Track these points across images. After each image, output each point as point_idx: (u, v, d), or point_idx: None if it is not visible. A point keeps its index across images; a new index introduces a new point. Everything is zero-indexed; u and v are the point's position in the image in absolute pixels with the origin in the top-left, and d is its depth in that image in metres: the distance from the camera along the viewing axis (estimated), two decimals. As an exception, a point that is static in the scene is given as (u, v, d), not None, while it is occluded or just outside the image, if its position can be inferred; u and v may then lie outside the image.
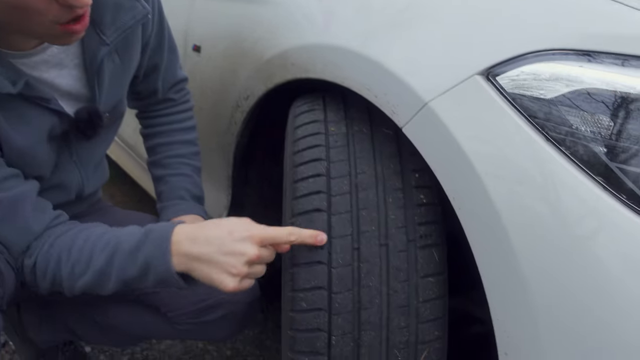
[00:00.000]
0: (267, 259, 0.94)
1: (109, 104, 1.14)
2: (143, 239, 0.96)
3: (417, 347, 0.91)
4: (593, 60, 0.80)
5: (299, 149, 0.99)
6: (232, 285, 0.92)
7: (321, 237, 0.91)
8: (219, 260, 0.92)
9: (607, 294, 0.70)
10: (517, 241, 0.77)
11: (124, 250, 0.96)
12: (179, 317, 1.22)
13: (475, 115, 0.83)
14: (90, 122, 1.09)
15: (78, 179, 1.18)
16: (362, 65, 0.97)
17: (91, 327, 1.31)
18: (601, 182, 0.74)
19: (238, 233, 0.92)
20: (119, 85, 1.16)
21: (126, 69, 1.16)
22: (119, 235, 0.98)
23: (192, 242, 0.94)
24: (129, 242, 0.96)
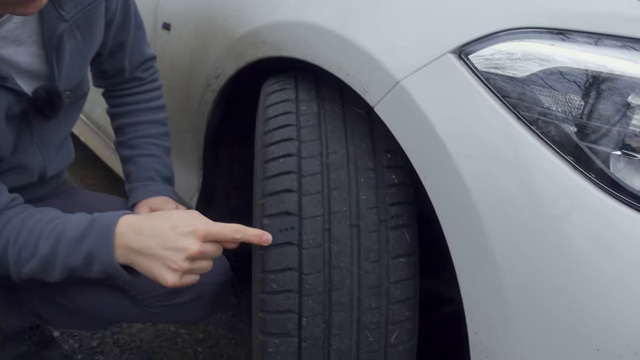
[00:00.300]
0: (211, 255, 0.92)
1: (69, 83, 1.10)
2: (88, 227, 0.93)
3: (388, 327, 0.91)
4: (567, 39, 0.80)
5: (269, 129, 0.97)
6: (171, 280, 0.90)
7: (266, 237, 0.89)
8: (160, 254, 0.89)
9: (579, 273, 0.70)
10: (489, 221, 0.77)
11: (69, 238, 0.93)
12: (148, 300, 1.20)
13: (448, 95, 0.82)
14: (49, 102, 1.05)
15: (40, 160, 1.14)
16: (333, 43, 0.95)
17: (57, 310, 1.28)
18: (571, 161, 0.74)
19: (181, 228, 0.90)
20: (80, 64, 1.12)
21: (88, 47, 1.12)
22: (66, 222, 0.95)
23: (136, 235, 0.91)
24: (74, 230, 0.93)
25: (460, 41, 0.82)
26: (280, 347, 0.90)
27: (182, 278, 0.90)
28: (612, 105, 0.74)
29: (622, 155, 0.73)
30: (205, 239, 0.90)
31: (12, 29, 0.98)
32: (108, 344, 1.66)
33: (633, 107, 0.73)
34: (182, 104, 1.46)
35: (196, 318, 1.28)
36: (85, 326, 1.38)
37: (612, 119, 0.74)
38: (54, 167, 1.19)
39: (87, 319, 1.30)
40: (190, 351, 1.67)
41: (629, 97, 0.74)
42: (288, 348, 0.90)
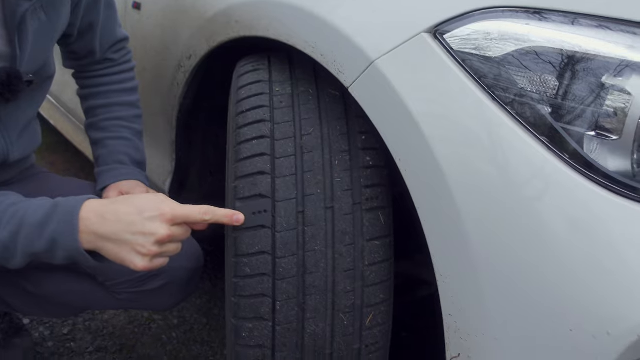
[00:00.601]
0: (180, 238, 0.90)
1: (32, 65, 1.06)
2: (50, 213, 0.90)
3: (363, 310, 0.90)
4: (543, 18, 0.79)
5: (242, 110, 0.95)
6: (141, 264, 0.87)
7: (237, 217, 0.88)
8: (127, 239, 0.87)
9: (552, 253, 0.70)
10: (463, 203, 0.76)
11: (31, 224, 0.89)
12: (117, 286, 1.18)
13: (423, 75, 0.81)
14: (9, 84, 1.01)
15: (2, 144, 1.10)
16: (307, 22, 0.93)
17: (25, 298, 1.25)
18: (546, 142, 0.73)
19: (149, 212, 0.87)
20: (44, 45, 1.08)
21: (53, 28, 1.08)
22: (27, 206, 0.91)
23: (100, 220, 0.88)
24: (36, 215, 0.90)
25: (435, 20, 0.81)
26: (254, 332, 0.89)
27: (152, 261, 0.88)
28: (587, 85, 0.74)
29: (596, 136, 0.73)
30: (173, 222, 0.88)
31: None
32: (80, 331, 1.63)
33: (607, 87, 0.73)
34: (154, 85, 1.43)
35: (168, 304, 1.26)
36: (54, 314, 1.35)
37: (587, 100, 0.74)
38: (17, 151, 1.14)
39: (56, 306, 1.27)
40: (165, 337, 1.65)
41: (603, 77, 0.73)
42: (262, 332, 0.89)
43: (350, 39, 0.86)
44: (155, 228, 0.86)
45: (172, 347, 1.62)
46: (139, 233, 0.86)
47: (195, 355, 1.60)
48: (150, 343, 1.62)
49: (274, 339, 0.89)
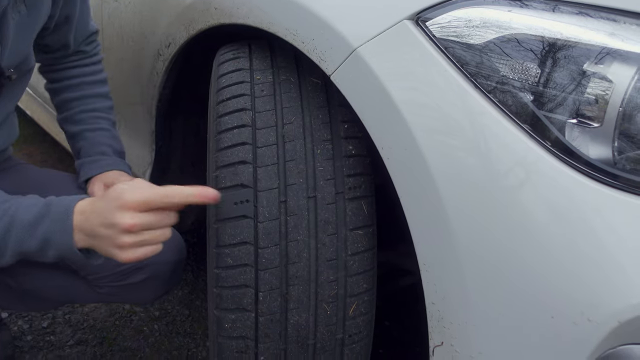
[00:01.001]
0: (156, 224, 0.86)
1: (14, 60, 1.04)
2: (43, 212, 0.88)
3: (346, 300, 0.90)
4: (524, 5, 0.79)
5: (223, 99, 0.94)
6: (123, 256, 0.85)
7: (206, 192, 0.84)
8: (102, 233, 0.85)
9: (534, 241, 0.70)
10: (446, 192, 0.76)
11: (22, 223, 0.88)
12: (99, 280, 1.16)
13: (405, 63, 0.80)
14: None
15: None
16: (288, 9, 0.92)
17: (5, 292, 1.23)
18: (528, 130, 0.73)
19: (113, 201, 0.85)
20: (25, 39, 1.05)
21: (34, 21, 1.06)
22: (17, 205, 0.90)
23: (83, 217, 0.87)
24: (28, 214, 0.88)
25: (417, 7, 0.80)
26: (236, 323, 0.89)
27: (134, 252, 0.86)
28: (568, 73, 0.74)
29: (578, 124, 0.73)
30: (138, 210, 0.84)
31: None
32: (59, 324, 1.61)
33: (588, 75, 0.73)
34: (133, 74, 1.41)
35: (150, 298, 1.24)
36: (34, 307, 1.33)
37: (568, 87, 0.74)
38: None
39: (37, 301, 1.25)
40: (147, 329, 1.64)
41: (585, 65, 0.73)
42: (245, 323, 0.88)
43: (332, 26, 0.85)
44: (118, 218, 0.83)
45: (154, 339, 1.61)
46: (108, 225, 0.84)
47: (177, 346, 1.59)
48: (131, 335, 1.61)
49: (256, 330, 0.89)
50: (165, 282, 1.20)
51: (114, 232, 0.84)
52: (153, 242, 0.88)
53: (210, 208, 0.92)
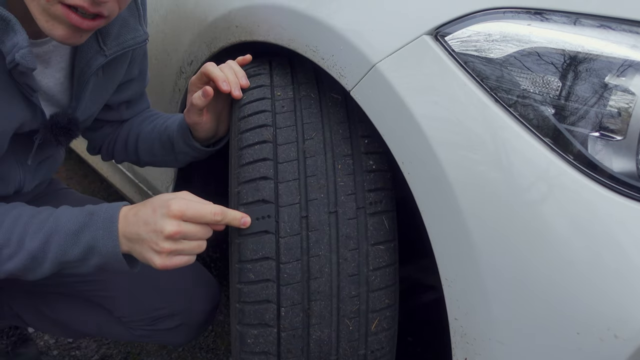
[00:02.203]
0: (194, 235, 0.89)
1: (82, 116, 1.08)
2: (87, 220, 0.90)
3: (368, 315, 0.90)
4: (544, 19, 0.78)
5: (244, 115, 0.95)
6: (158, 262, 0.87)
7: (245, 219, 0.87)
8: (144, 237, 0.88)
9: (558, 255, 0.70)
10: (467, 206, 0.76)
11: (65, 232, 0.90)
12: (133, 322, 1.18)
13: (424, 78, 0.81)
14: (68, 129, 1.03)
15: (19, 176, 1.09)
16: (308, 26, 0.93)
17: (39, 317, 1.25)
18: (550, 144, 0.73)
19: (159, 208, 0.87)
20: (96, 100, 1.10)
21: (107, 87, 1.11)
22: (57, 215, 0.92)
23: (126, 222, 0.90)
24: (71, 222, 0.90)
25: (436, 22, 0.81)
26: (259, 338, 0.89)
27: (169, 259, 0.88)
28: (590, 86, 0.73)
29: (600, 137, 0.72)
30: (182, 218, 0.87)
31: (48, 50, 0.97)
32: (84, 340, 1.63)
33: (610, 87, 0.72)
34: (156, 92, 1.43)
35: (182, 342, 1.25)
36: (66, 334, 1.35)
37: (590, 100, 0.73)
38: (32, 183, 1.15)
39: (70, 330, 1.27)
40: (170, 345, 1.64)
41: (606, 77, 0.73)
42: (267, 339, 0.89)
43: (351, 42, 0.86)
44: (163, 224, 0.86)
45: (177, 354, 1.61)
46: (151, 231, 0.87)
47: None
48: (155, 351, 1.62)
49: (279, 346, 0.89)
50: (198, 328, 1.22)
51: (157, 237, 0.86)
52: (189, 253, 0.90)
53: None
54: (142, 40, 1.08)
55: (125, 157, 1.29)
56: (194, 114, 1.07)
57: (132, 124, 1.26)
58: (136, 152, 1.24)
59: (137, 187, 1.65)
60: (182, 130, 1.13)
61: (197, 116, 1.07)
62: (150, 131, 1.21)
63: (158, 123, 1.21)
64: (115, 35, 1.02)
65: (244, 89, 0.98)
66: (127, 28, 1.04)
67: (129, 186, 1.73)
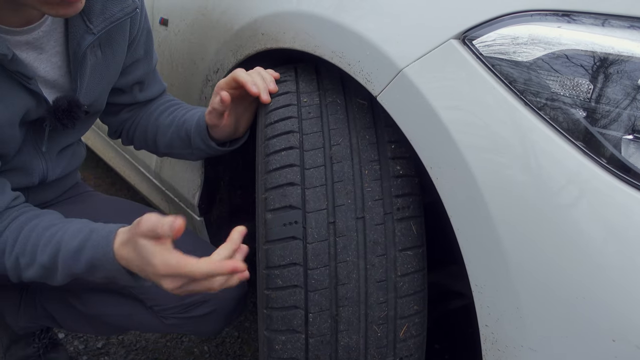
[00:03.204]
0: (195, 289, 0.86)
1: (87, 98, 1.10)
2: (85, 239, 0.92)
3: (397, 322, 0.89)
4: (572, 21, 0.77)
5: (271, 122, 0.95)
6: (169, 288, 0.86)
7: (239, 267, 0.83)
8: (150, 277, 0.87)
9: (591, 261, 0.68)
10: (497, 211, 0.75)
11: (68, 250, 0.93)
12: (165, 311, 1.19)
13: (452, 82, 0.80)
14: (70, 112, 1.04)
15: (42, 165, 1.12)
16: (334, 32, 0.93)
17: (72, 315, 1.27)
18: (582, 147, 0.71)
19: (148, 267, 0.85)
20: (99, 81, 1.11)
21: (108, 66, 1.11)
22: (63, 231, 0.94)
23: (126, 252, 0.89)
24: (73, 241, 0.93)
25: (463, 26, 0.80)
26: (287, 344, 0.89)
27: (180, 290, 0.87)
28: (622, 88, 0.72)
29: (634, 140, 0.71)
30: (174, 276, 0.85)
31: (39, 36, 0.98)
32: (113, 345, 1.64)
33: (643, 89, 0.71)
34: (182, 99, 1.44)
35: (212, 330, 1.26)
36: (98, 331, 1.36)
37: (622, 103, 0.72)
38: (56, 171, 1.17)
39: (103, 325, 1.28)
40: (197, 350, 1.65)
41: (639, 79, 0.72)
42: (295, 344, 0.88)
43: (378, 48, 0.86)
44: (160, 282, 0.85)
45: (204, 360, 1.62)
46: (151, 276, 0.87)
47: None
48: (182, 357, 1.63)
49: (307, 352, 0.89)
50: (229, 316, 1.22)
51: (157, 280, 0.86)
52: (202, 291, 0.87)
53: (260, 229, 0.93)
54: (130, 10, 1.06)
55: (144, 146, 1.31)
56: (214, 117, 1.09)
57: (150, 115, 1.26)
58: (155, 143, 1.26)
59: (164, 195, 1.66)
60: (200, 128, 1.15)
61: (217, 119, 1.09)
62: (168, 125, 1.22)
63: (177, 116, 1.22)
64: (100, 10, 1.01)
65: (271, 95, 0.99)
66: (112, 1, 1.03)
67: (155, 193, 1.75)
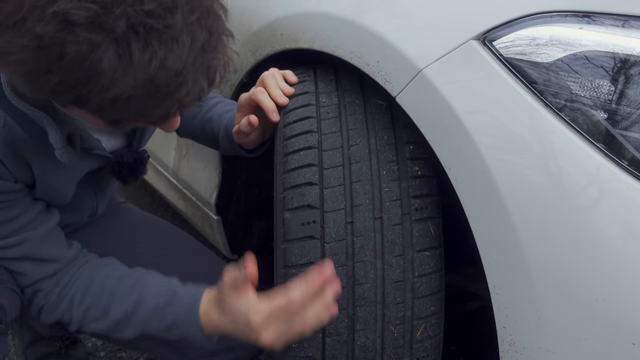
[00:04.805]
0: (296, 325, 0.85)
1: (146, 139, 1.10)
2: (169, 302, 0.93)
3: (414, 322, 0.89)
4: (593, 22, 0.77)
5: (289, 121, 0.96)
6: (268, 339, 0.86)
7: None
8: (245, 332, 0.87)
9: (611, 263, 0.68)
10: (516, 212, 0.75)
11: (149, 306, 0.94)
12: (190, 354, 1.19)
13: (472, 83, 0.80)
14: (135, 169, 1.03)
15: (94, 203, 1.13)
16: (353, 32, 0.93)
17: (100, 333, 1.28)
18: (603, 148, 0.71)
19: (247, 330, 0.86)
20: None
21: None
22: (143, 286, 0.96)
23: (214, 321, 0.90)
24: (154, 300, 0.94)
25: (483, 27, 0.80)
26: (304, 343, 0.89)
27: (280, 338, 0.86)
28: (643, 90, 0.72)
29: (656, 142, 0.70)
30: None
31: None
32: (131, 342, 1.66)
33: (666, 91, 0.71)
34: (201, 100, 1.46)
35: None
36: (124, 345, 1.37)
37: (644, 105, 0.72)
38: (103, 205, 1.18)
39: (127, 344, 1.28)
40: (213, 348, 1.66)
41: (662, 81, 0.71)
42: (312, 343, 0.89)
43: (397, 48, 0.86)
44: (259, 339, 0.85)
45: (220, 358, 1.63)
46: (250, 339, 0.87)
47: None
48: (198, 354, 1.64)
49: (323, 351, 0.89)
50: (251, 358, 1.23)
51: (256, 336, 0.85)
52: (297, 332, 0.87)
53: (278, 229, 0.93)
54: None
55: None
56: (242, 136, 1.07)
57: None
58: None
59: (182, 193, 1.68)
60: (227, 135, 1.14)
61: (245, 137, 1.07)
62: (192, 116, 1.22)
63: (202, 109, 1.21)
64: None
65: (289, 96, 0.99)
66: None
67: (173, 192, 1.76)
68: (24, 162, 0.89)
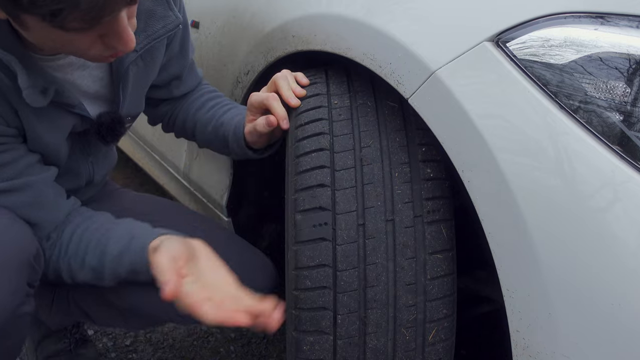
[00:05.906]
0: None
1: (131, 109, 1.13)
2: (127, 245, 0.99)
3: (426, 325, 0.88)
4: (606, 23, 0.77)
5: (301, 123, 0.96)
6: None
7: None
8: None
9: (626, 267, 0.67)
10: (530, 215, 0.74)
11: (111, 254, 1.00)
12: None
13: (485, 84, 0.79)
14: (112, 129, 1.08)
15: (89, 168, 1.18)
16: (365, 34, 0.93)
17: (105, 308, 1.28)
18: (618, 150, 0.70)
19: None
20: (141, 89, 1.14)
21: (149, 74, 1.13)
22: (109, 236, 1.01)
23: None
24: (115, 246, 1.00)
25: (497, 28, 0.80)
26: (315, 345, 0.89)
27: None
28: (660, 91, 0.71)
29: (672, 144, 0.70)
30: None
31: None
32: (141, 343, 1.66)
33: (682, 93, 0.70)
34: (212, 102, 1.46)
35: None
36: (130, 326, 1.37)
37: (660, 106, 0.71)
38: (100, 172, 1.23)
39: (137, 318, 1.29)
40: (223, 350, 1.66)
41: (677, 83, 0.70)
42: (323, 346, 0.88)
43: (409, 50, 0.86)
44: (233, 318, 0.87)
45: (230, 360, 1.63)
46: None
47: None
48: (208, 356, 1.64)
49: (335, 353, 0.89)
50: None
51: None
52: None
53: (290, 230, 0.93)
54: (173, 26, 1.07)
55: (184, 136, 1.34)
56: (254, 136, 1.09)
57: (188, 109, 1.27)
58: (194, 137, 1.29)
59: (193, 195, 1.68)
60: (237, 137, 1.16)
61: (257, 137, 1.09)
62: (206, 122, 1.24)
63: (215, 115, 1.23)
64: (142, 28, 1.02)
65: (301, 98, 1.00)
66: (155, 18, 1.04)
67: (184, 194, 1.77)
68: (11, 107, 0.94)
